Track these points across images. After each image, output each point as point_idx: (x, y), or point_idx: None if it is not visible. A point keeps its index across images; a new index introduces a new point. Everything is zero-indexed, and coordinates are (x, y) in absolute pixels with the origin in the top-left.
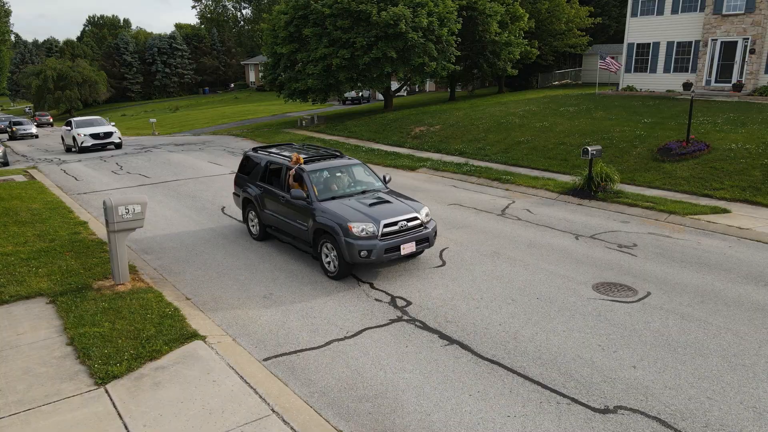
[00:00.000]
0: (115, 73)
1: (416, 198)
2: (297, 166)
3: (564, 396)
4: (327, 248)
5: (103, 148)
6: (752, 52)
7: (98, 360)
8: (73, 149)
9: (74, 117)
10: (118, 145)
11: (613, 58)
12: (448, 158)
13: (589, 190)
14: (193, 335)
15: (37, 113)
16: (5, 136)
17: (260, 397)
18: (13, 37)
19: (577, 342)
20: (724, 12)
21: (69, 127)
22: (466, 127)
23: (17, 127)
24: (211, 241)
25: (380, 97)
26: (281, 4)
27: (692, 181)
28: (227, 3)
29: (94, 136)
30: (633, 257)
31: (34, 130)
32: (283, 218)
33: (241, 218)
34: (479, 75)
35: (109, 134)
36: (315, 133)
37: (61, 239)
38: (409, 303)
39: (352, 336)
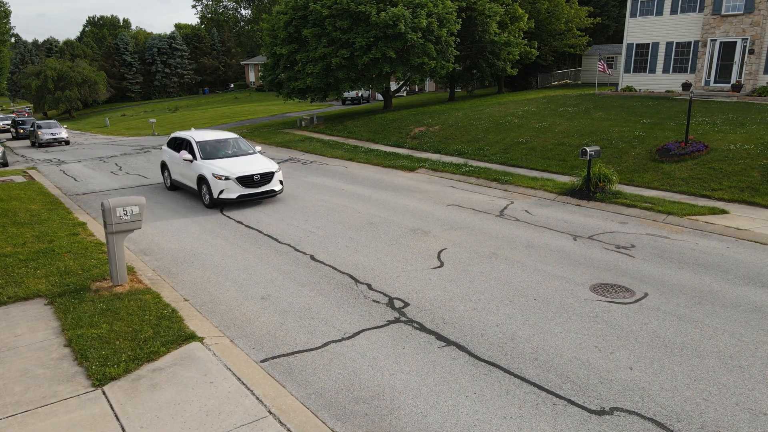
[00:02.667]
0: (115, 73)
1: (415, 198)
2: None
3: (560, 397)
4: None
5: (255, 199)
6: (751, 52)
7: (96, 361)
8: (185, 187)
9: (192, 131)
10: (278, 193)
11: (610, 60)
12: (447, 159)
13: (588, 191)
14: (191, 337)
15: (15, 110)
16: (24, 141)
17: (257, 398)
18: (12, 38)
19: (574, 343)
20: (723, 12)
21: (189, 156)
22: (466, 127)
23: (42, 130)
24: (210, 242)
25: (380, 97)
26: (280, 5)
27: (690, 181)
28: (227, 3)
29: (245, 181)
30: (631, 258)
31: (64, 134)
32: None
33: (239, 219)
34: (479, 75)
35: (268, 177)
36: (314, 133)
37: (60, 240)
38: (406, 304)
39: (350, 337)
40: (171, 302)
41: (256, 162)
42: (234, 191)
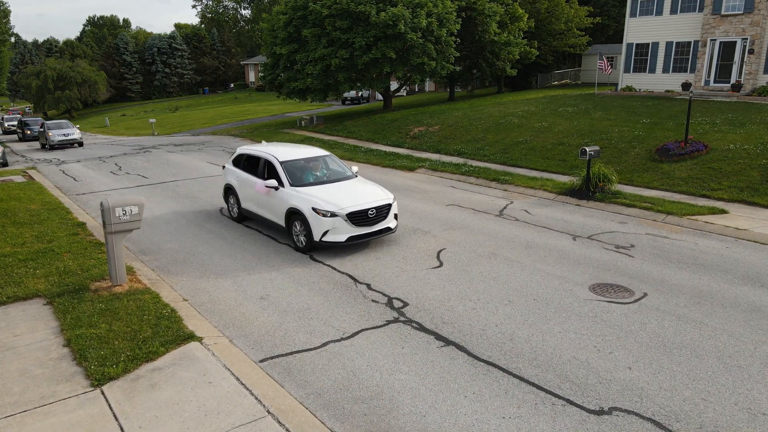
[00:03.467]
0: (115, 73)
1: (415, 198)
2: None
3: (559, 397)
4: None
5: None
6: (751, 52)
7: (95, 361)
8: (260, 219)
9: (264, 144)
10: (393, 231)
11: (610, 58)
12: (446, 158)
13: (587, 191)
14: (190, 336)
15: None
16: (32, 143)
17: (256, 398)
18: (12, 38)
19: (572, 343)
20: (723, 12)
21: (274, 182)
22: (465, 127)
23: (53, 131)
24: (209, 242)
25: (380, 97)
26: (280, 5)
27: (690, 181)
28: (227, 3)
29: (358, 217)
30: (630, 258)
31: (77, 134)
32: None
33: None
34: (479, 75)
35: (384, 211)
36: (314, 133)
37: (59, 240)
38: (405, 304)
39: (349, 337)
40: (170, 302)
41: (363, 189)
42: (343, 232)
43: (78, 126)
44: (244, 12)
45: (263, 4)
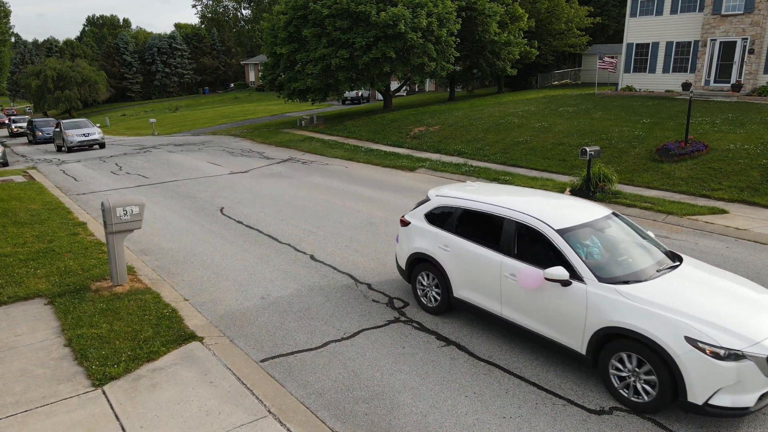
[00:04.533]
0: (115, 73)
1: (416, 198)
2: None
3: (560, 397)
4: None
5: None
6: (751, 52)
7: (96, 361)
8: (511, 326)
9: (505, 192)
10: None
11: (611, 57)
12: (447, 158)
13: (588, 191)
14: (191, 336)
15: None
16: (43, 146)
17: (257, 398)
18: (12, 38)
19: None
20: (723, 12)
21: (562, 272)
22: (465, 127)
23: (71, 131)
24: (210, 242)
25: (380, 97)
26: (280, 4)
27: (690, 181)
28: (227, 3)
29: None
30: None
31: (98, 134)
32: None
33: (238, 218)
34: (479, 75)
35: None
36: (314, 133)
37: (60, 240)
38: (406, 304)
39: (350, 337)
40: (171, 302)
41: (738, 288)
42: (752, 387)
43: (98, 125)
44: (244, 12)
45: (263, 4)
